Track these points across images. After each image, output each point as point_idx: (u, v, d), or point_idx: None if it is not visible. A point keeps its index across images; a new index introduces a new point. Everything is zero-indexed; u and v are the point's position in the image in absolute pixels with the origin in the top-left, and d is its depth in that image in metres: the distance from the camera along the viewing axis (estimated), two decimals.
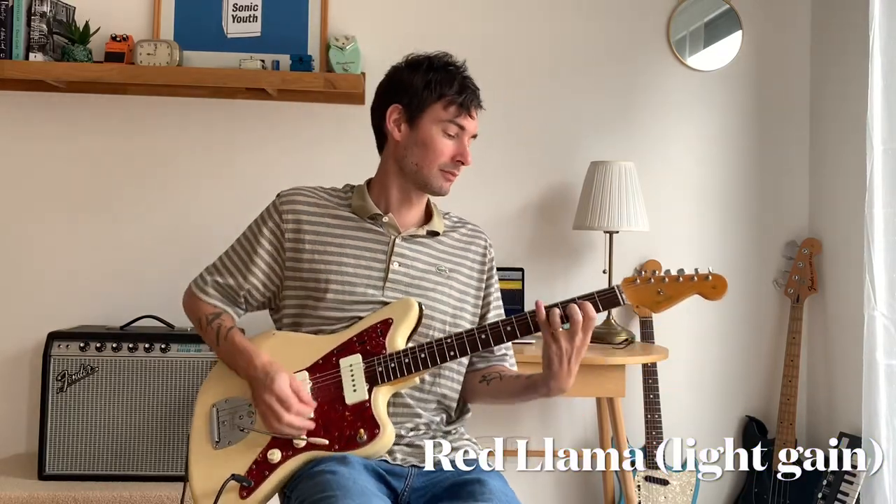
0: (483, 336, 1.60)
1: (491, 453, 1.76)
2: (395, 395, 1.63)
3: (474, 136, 1.76)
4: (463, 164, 1.72)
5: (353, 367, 1.60)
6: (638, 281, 1.61)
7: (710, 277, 1.59)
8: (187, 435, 1.65)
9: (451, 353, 1.59)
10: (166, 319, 2.57)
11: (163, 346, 2.42)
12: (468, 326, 1.74)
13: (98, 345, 2.41)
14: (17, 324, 2.69)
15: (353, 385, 1.58)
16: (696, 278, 1.60)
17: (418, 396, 1.68)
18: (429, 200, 1.82)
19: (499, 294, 1.87)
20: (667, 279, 1.61)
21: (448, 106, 1.70)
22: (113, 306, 2.70)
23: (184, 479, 1.67)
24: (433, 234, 1.78)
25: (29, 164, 2.72)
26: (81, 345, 2.41)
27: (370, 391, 1.58)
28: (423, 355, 1.59)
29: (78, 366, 2.41)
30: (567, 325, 1.57)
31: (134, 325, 2.54)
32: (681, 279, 1.61)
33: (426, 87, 1.70)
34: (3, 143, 2.72)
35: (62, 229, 2.73)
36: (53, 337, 2.43)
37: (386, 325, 1.62)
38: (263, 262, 1.72)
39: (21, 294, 2.71)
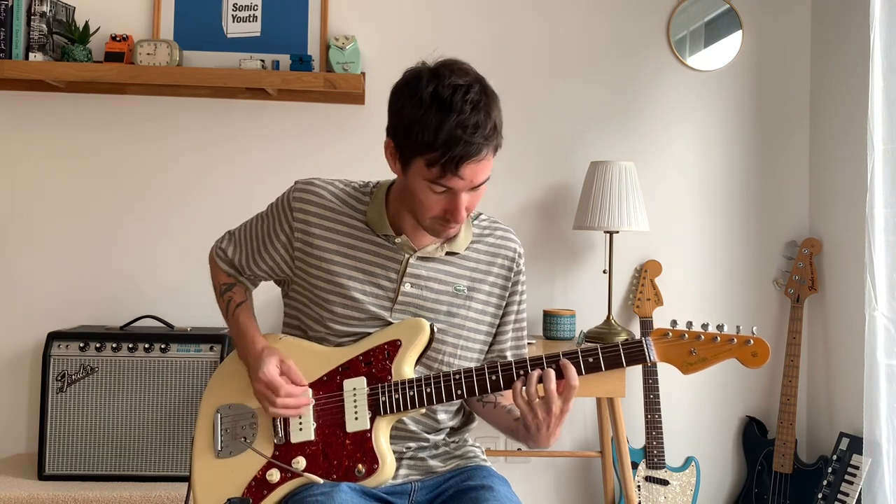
0: (494, 378, 1.50)
1: (490, 451, 1.71)
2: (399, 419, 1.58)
3: (482, 184, 1.47)
4: (453, 222, 1.49)
5: (356, 392, 1.54)
6: (670, 335, 1.48)
7: (752, 342, 1.46)
8: (191, 437, 1.65)
9: (459, 392, 1.51)
10: (166, 319, 2.57)
11: (163, 346, 2.42)
12: (480, 346, 1.67)
13: (98, 345, 2.41)
14: (17, 324, 2.69)
15: (356, 412, 1.53)
16: (735, 340, 1.46)
17: (423, 422, 1.62)
18: None
19: (524, 308, 1.72)
20: (702, 337, 1.47)
21: (430, 165, 1.41)
22: (113, 306, 2.70)
23: (185, 479, 1.67)
24: (452, 254, 1.62)
25: (28, 163, 2.72)
26: (81, 345, 2.41)
27: (372, 420, 1.52)
28: (428, 390, 1.51)
29: (78, 366, 2.41)
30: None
31: (134, 325, 2.54)
32: (718, 339, 1.46)
33: (409, 132, 1.41)
34: (3, 143, 2.72)
35: (62, 229, 2.73)
36: (53, 337, 2.43)
37: (394, 346, 1.55)
38: (270, 258, 1.65)
39: (21, 294, 2.71)
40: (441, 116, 1.39)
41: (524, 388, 1.46)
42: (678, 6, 2.92)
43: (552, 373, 1.45)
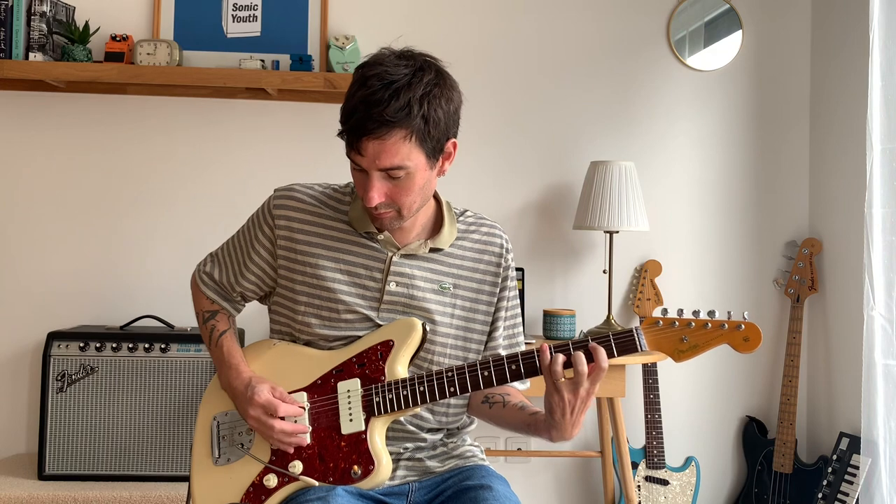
0: (486, 374, 1.49)
1: (490, 451, 1.69)
2: (395, 420, 1.57)
3: (394, 169, 1.44)
4: (366, 203, 1.48)
5: (350, 394, 1.53)
6: (661, 323, 1.45)
7: (743, 327, 1.43)
8: (190, 444, 1.65)
9: (451, 390, 1.50)
10: (166, 319, 2.57)
11: (163, 346, 2.42)
12: (475, 346, 1.65)
13: (98, 345, 2.41)
14: (17, 324, 2.70)
15: (350, 414, 1.52)
16: (726, 326, 1.44)
17: (418, 423, 1.60)
18: (440, 206, 1.64)
19: (515, 304, 1.71)
20: (693, 324, 1.44)
21: (342, 136, 1.49)
22: (113, 306, 2.70)
23: (185, 479, 1.67)
24: (437, 250, 1.61)
25: (29, 163, 2.72)
26: (81, 345, 2.41)
27: (367, 421, 1.51)
28: (422, 388, 1.50)
29: (78, 366, 2.41)
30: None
31: (134, 325, 2.54)
32: (709, 325, 1.44)
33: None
34: (3, 143, 2.72)
35: (62, 229, 2.73)
36: (53, 337, 2.43)
37: (387, 346, 1.54)
38: (257, 267, 1.63)
39: (21, 294, 2.71)
40: (353, 91, 1.45)
41: (552, 365, 1.43)
42: (678, 6, 2.92)
43: (581, 357, 1.42)
